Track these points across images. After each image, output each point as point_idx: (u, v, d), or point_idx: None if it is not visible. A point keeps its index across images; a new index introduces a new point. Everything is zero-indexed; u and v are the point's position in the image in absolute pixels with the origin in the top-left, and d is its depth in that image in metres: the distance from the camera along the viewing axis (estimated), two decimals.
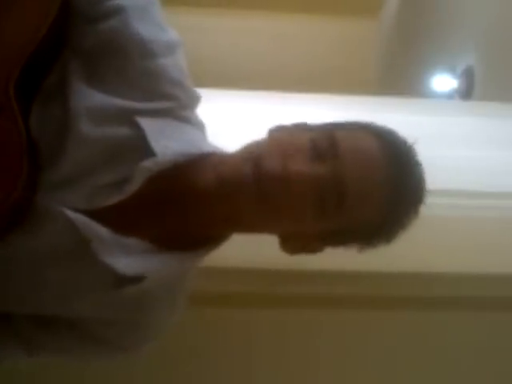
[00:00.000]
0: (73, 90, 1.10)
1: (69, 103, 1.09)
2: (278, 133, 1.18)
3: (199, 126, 1.20)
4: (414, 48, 4.80)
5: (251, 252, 1.54)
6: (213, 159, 1.15)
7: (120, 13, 1.11)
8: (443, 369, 1.79)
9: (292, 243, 1.19)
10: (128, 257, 1.11)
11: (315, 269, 1.62)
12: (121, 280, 1.11)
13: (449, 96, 4.17)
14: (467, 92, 3.95)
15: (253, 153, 1.13)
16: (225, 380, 1.77)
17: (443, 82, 4.24)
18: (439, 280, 1.71)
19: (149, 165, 1.09)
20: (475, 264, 1.71)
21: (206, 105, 1.21)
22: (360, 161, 1.12)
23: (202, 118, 1.21)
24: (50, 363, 1.36)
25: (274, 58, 5.23)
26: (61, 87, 1.10)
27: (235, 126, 1.74)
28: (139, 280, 1.12)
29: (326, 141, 1.12)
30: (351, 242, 1.19)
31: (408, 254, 1.53)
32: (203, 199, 1.13)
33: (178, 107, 1.15)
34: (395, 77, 4.97)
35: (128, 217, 1.12)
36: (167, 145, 1.11)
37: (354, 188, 1.11)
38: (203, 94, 1.20)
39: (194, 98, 1.18)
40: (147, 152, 1.10)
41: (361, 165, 1.12)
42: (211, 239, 1.18)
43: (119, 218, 1.11)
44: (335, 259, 1.31)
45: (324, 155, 1.11)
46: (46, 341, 1.19)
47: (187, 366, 1.74)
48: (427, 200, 1.18)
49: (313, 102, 1.93)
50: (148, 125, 1.11)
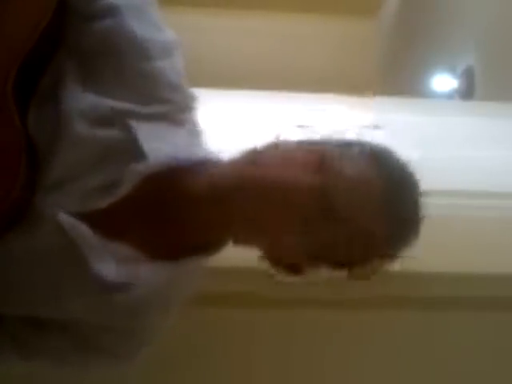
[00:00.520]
0: (66, 91, 1.09)
1: (62, 104, 1.09)
2: (273, 145, 1.16)
3: (195, 131, 1.19)
4: (414, 48, 4.80)
5: (251, 252, 1.54)
6: (206, 164, 1.14)
7: (116, 12, 1.11)
8: (443, 369, 1.79)
9: (277, 260, 1.15)
10: (116, 263, 1.11)
11: None
12: (109, 286, 1.10)
13: (449, 96, 4.17)
14: (467, 92, 3.96)
15: (250, 160, 1.12)
16: (225, 380, 1.77)
17: (443, 82, 4.24)
18: (439, 280, 1.71)
19: (140, 168, 1.09)
20: (475, 264, 1.71)
21: (205, 105, 1.21)
22: (350, 174, 1.10)
23: (201, 119, 1.20)
24: None
25: (273, 58, 5.24)
26: (56, 88, 1.10)
27: (234, 126, 1.74)
28: (127, 288, 1.11)
29: (318, 157, 1.11)
30: (355, 259, 1.17)
31: (408, 254, 1.53)
32: (195, 204, 1.12)
33: (174, 111, 1.14)
34: (395, 77, 4.97)
35: (120, 221, 1.11)
36: (160, 148, 1.10)
37: (343, 200, 1.08)
38: (202, 94, 1.20)
39: (191, 102, 1.17)
40: (139, 155, 1.09)
41: (350, 177, 1.09)
42: (204, 246, 1.17)
43: (111, 222, 1.10)
44: None
45: (315, 170, 1.10)
46: (40, 344, 1.18)
47: (187, 367, 1.73)
48: (427, 200, 1.18)
49: (312, 102, 1.93)
50: (141, 128, 1.10)
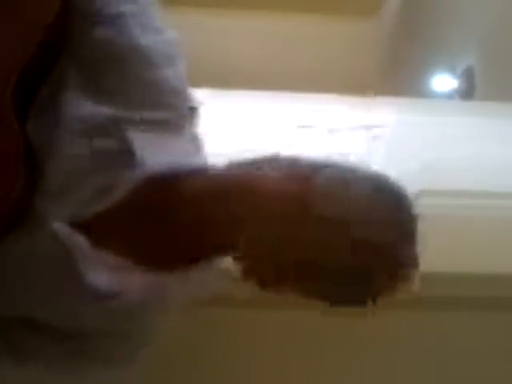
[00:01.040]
0: (67, 98, 1.09)
1: (61, 111, 1.09)
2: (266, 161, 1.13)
3: (195, 138, 1.19)
4: (414, 48, 4.80)
5: None
6: (203, 172, 1.14)
7: (120, 20, 1.11)
8: (443, 369, 1.79)
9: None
10: (109, 272, 1.10)
11: None
12: (101, 295, 1.11)
13: (449, 96, 4.17)
14: (467, 92, 3.95)
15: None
16: (226, 381, 1.77)
17: (443, 82, 4.24)
18: (439, 280, 1.71)
19: (134, 175, 1.09)
20: (475, 264, 1.71)
21: (206, 105, 1.21)
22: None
23: (201, 119, 1.20)
24: None
25: (273, 58, 5.23)
26: (56, 94, 1.10)
27: (235, 127, 1.74)
28: (120, 296, 1.11)
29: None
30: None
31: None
32: (190, 213, 1.11)
33: (176, 117, 1.14)
34: (395, 77, 4.97)
35: (115, 229, 1.11)
36: (156, 156, 1.10)
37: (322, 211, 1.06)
38: (203, 95, 1.20)
39: (192, 110, 1.17)
40: (135, 163, 1.09)
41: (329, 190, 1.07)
42: (199, 253, 1.15)
43: (105, 230, 1.10)
44: None
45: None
46: (36, 348, 1.17)
47: (188, 367, 1.74)
48: (427, 200, 1.17)
49: (312, 102, 1.93)
50: (140, 136, 1.10)
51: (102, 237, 1.10)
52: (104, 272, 1.10)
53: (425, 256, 1.24)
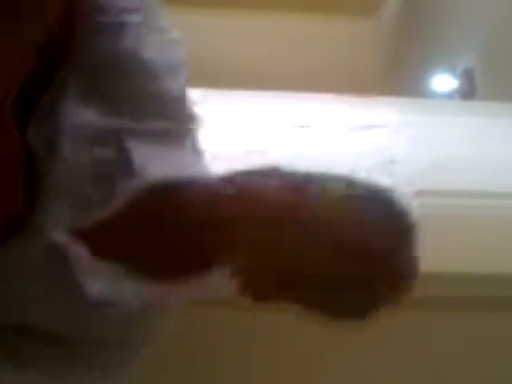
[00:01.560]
0: (65, 106, 1.09)
1: (60, 119, 1.08)
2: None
3: (195, 148, 1.18)
4: (414, 48, 4.80)
5: None
6: (202, 183, 1.13)
7: (123, 30, 1.10)
8: (443, 369, 1.79)
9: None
10: (108, 282, 1.10)
11: None
12: (99, 304, 1.10)
13: (449, 96, 4.17)
14: (467, 92, 3.95)
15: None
16: (225, 383, 1.77)
17: (443, 82, 4.24)
18: (439, 280, 1.71)
19: (133, 185, 1.08)
20: (475, 264, 1.71)
21: (206, 105, 1.21)
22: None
23: (201, 119, 1.20)
24: None
25: (273, 58, 5.23)
26: (57, 103, 1.09)
27: (235, 127, 1.74)
28: (117, 305, 1.10)
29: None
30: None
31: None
32: (189, 222, 1.11)
33: (175, 127, 1.14)
34: (395, 77, 4.97)
35: (114, 238, 1.10)
36: (156, 166, 1.10)
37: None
38: (203, 95, 1.20)
39: (194, 120, 1.17)
40: (133, 172, 1.08)
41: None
42: (201, 264, 1.13)
43: (104, 239, 1.10)
44: None
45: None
46: (34, 353, 1.16)
47: (186, 369, 1.73)
48: (427, 200, 1.17)
49: (313, 102, 1.93)
50: (138, 145, 1.10)
51: (101, 246, 1.10)
52: (103, 281, 1.09)
53: (425, 256, 1.24)
